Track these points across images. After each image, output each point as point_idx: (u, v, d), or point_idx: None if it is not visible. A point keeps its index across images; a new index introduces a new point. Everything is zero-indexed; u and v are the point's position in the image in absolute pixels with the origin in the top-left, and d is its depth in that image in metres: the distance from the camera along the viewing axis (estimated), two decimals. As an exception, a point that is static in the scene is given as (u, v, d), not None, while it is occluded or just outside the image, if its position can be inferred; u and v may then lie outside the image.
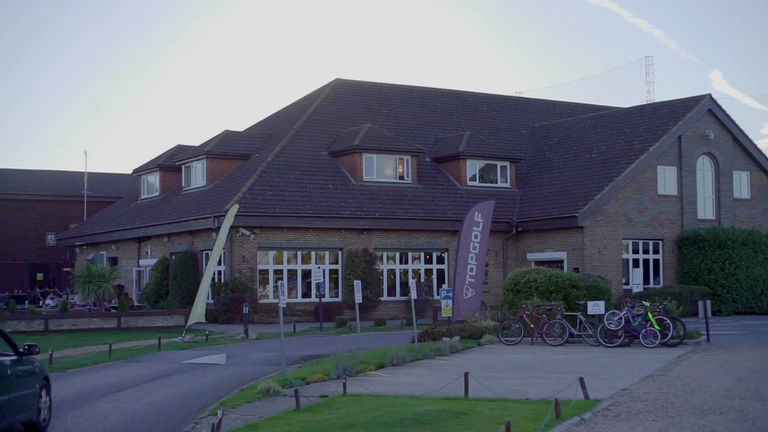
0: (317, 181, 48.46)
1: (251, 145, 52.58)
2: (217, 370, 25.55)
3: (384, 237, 48.47)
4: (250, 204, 44.82)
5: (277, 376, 22.51)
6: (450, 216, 49.27)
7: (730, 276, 48.76)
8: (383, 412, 16.91)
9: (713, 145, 51.79)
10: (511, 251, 51.49)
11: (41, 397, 16.05)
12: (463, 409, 16.95)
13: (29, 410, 15.55)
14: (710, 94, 52.20)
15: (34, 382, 15.85)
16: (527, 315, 32.17)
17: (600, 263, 47.11)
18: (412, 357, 26.59)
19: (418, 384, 20.99)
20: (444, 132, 57.50)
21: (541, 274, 35.64)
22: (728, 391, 19.08)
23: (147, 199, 57.04)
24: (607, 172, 49.31)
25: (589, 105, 67.95)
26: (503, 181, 54.11)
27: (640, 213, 49.21)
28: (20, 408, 15.15)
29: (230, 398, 19.74)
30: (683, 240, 49.98)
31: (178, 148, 57.34)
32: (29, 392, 15.55)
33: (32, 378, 15.86)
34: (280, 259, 46.47)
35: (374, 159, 50.27)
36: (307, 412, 17.33)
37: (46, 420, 16.25)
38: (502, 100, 65.06)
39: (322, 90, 58.38)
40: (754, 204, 53.91)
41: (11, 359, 15.40)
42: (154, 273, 50.29)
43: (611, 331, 30.44)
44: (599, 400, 17.82)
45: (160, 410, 18.68)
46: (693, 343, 30.45)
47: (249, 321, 38.48)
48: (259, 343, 34.13)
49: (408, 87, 61.69)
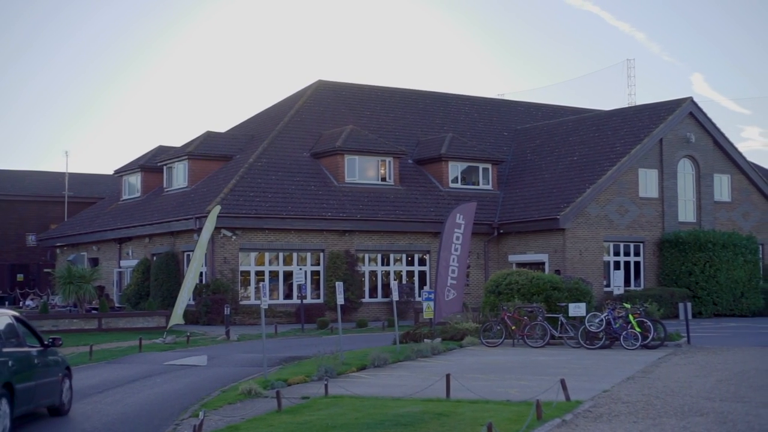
0: (299, 183, 48.42)
1: (233, 146, 52.51)
2: (199, 372, 25.51)
3: (366, 238, 48.47)
4: (232, 205, 44.75)
5: (259, 377, 22.47)
6: (432, 218, 49.29)
7: (710, 278, 48.92)
8: (365, 413, 16.91)
9: (694, 148, 51.95)
10: (492, 253, 51.54)
11: (63, 384, 18.08)
12: (444, 411, 16.96)
13: (53, 395, 17.63)
14: (691, 97, 52.38)
15: (57, 371, 17.89)
16: (508, 317, 32.21)
17: (581, 265, 47.21)
18: (393, 358, 26.59)
19: (400, 385, 20.99)
20: (426, 134, 57.54)
21: (522, 276, 35.71)
22: (709, 393, 19.14)
23: (128, 200, 56.89)
24: (588, 175, 49.41)
25: (571, 107, 68.08)
26: (485, 183, 54.15)
27: (621, 215, 49.33)
28: (45, 393, 17.19)
29: (212, 399, 19.72)
30: (664, 242, 50.12)
31: (160, 149, 57.20)
32: (53, 379, 17.61)
33: (56, 367, 17.88)
34: (261, 260, 46.41)
35: (356, 160, 50.26)
36: (288, 413, 17.32)
37: (66, 405, 18.27)
38: (485, 103, 65.14)
39: (305, 91, 58.35)
40: (735, 207, 54.10)
41: (37, 350, 17.33)
42: (135, 274, 50.16)
43: (592, 333, 30.51)
44: (580, 401, 17.85)
45: (140, 411, 18.64)
46: (673, 345, 30.55)
47: (230, 322, 38.42)
48: (241, 345, 34.09)
49: (390, 89, 61.71)
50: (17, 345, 16.56)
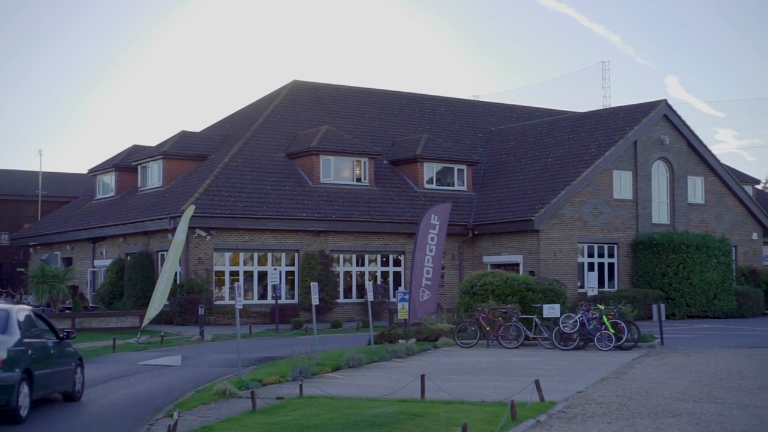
0: (274, 183, 48.35)
1: (208, 145, 52.39)
2: (173, 372, 25.45)
3: (341, 239, 48.45)
4: (207, 205, 44.64)
5: (233, 377, 22.46)
6: (407, 218, 49.32)
7: (683, 280, 49.13)
8: (339, 414, 16.91)
9: (668, 151, 52.17)
10: (467, 254, 51.60)
11: (76, 373, 19.91)
12: (419, 411, 16.97)
13: (67, 383, 19.51)
14: (666, 99, 52.57)
15: (70, 361, 19.75)
16: (483, 318, 32.28)
17: (555, 266, 47.33)
18: (368, 359, 26.60)
19: (375, 386, 21.00)
20: (401, 135, 57.56)
21: (497, 277, 35.81)
22: (682, 394, 19.23)
23: (102, 200, 56.67)
24: (563, 176, 49.54)
25: (546, 109, 68.27)
26: (460, 184, 54.22)
27: (595, 217, 49.49)
28: (60, 380, 19.11)
29: (186, 400, 19.68)
30: (638, 244, 50.31)
31: (135, 149, 57.00)
32: (67, 368, 19.48)
33: (69, 358, 19.76)
34: (236, 260, 46.31)
35: (331, 161, 50.22)
36: (263, 413, 17.31)
37: (79, 392, 20.08)
38: (460, 104, 65.23)
39: (280, 91, 58.29)
40: (708, 209, 54.36)
41: (53, 341, 19.18)
42: (109, 274, 49.94)
43: (566, 334, 30.62)
44: (554, 402, 17.91)
45: (114, 412, 18.58)
46: (647, 347, 30.69)
47: (204, 322, 38.37)
48: (215, 345, 34.03)
49: (366, 89, 61.72)
50: (35, 336, 18.36)
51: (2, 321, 17.47)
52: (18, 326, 17.57)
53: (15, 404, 16.52)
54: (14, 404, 16.50)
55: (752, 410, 17.17)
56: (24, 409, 16.90)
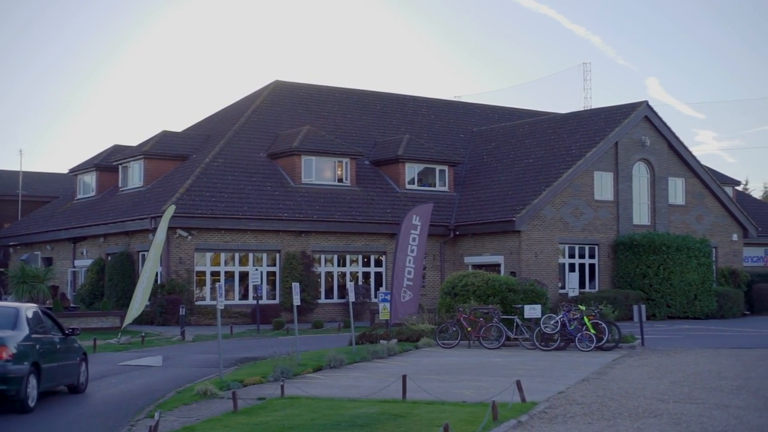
0: (256, 183, 48.27)
1: (189, 145, 52.26)
2: (154, 372, 25.40)
3: (322, 239, 48.41)
4: (188, 205, 44.54)
5: (214, 378, 22.43)
6: (388, 219, 49.32)
7: (664, 281, 49.27)
8: (321, 414, 16.91)
9: (649, 152, 52.31)
10: (448, 255, 51.64)
11: (80, 367, 21.31)
12: (400, 412, 16.98)
13: (72, 376, 20.90)
14: (647, 101, 52.70)
15: (75, 356, 21.16)
16: (464, 318, 32.32)
17: (536, 267, 47.40)
18: (349, 360, 26.61)
19: (356, 386, 21.01)
20: (383, 135, 57.57)
21: (478, 278, 35.86)
22: (662, 395, 19.29)
23: (83, 199, 56.48)
24: (544, 177, 49.60)
25: (527, 110, 68.37)
26: (441, 185, 54.24)
27: (576, 218, 49.58)
28: (66, 373, 20.53)
29: (167, 400, 19.65)
30: (619, 245, 50.42)
31: (115, 148, 56.82)
32: (72, 362, 20.89)
33: (74, 353, 21.14)
34: (217, 260, 46.22)
35: (313, 161, 50.17)
36: (244, 414, 17.29)
37: (84, 384, 21.49)
38: (441, 104, 65.27)
39: (262, 92, 58.21)
40: (689, 210, 54.53)
41: (59, 337, 20.50)
42: (90, 274, 49.77)
43: (547, 335, 30.68)
44: (536, 403, 17.95)
45: (95, 413, 18.55)
46: (628, 347, 30.78)
47: (185, 323, 38.30)
48: (196, 345, 33.97)
49: (347, 90, 61.70)
50: (43, 333, 19.69)
51: (12, 318, 18.87)
52: (26, 323, 18.95)
53: (24, 395, 17.86)
54: (23, 395, 17.84)
55: (732, 411, 17.24)
56: (32, 399, 18.24)
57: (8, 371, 17.66)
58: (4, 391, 17.71)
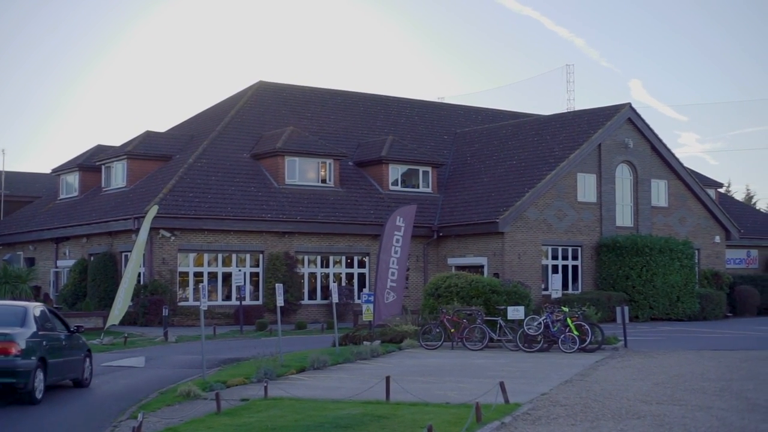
0: (239, 184, 48.20)
1: (173, 146, 52.13)
2: (137, 373, 25.35)
3: (305, 240, 48.38)
4: (171, 205, 44.45)
5: (198, 379, 22.39)
6: (372, 220, 49.31)
7: (647, 282, 49.37)
8: (304, 415, 16.89)
9: (632, 154, 52.41)
10: (431, 256, 51.66)
11: (85, 363, 22.61)
12: (384, 413, 16.98)
13: (77, 371, 22.22)
14: (630, 103, 52.83)
15: (80, 352, 22.49)
16: (448, 319, 32.32)
17: (520, 269, 47.44)
18: (333, 361, 26.58)
19: (339, 388, 20.99)
20: (367, 136, 57.56)
21: (461, 279, 35.85)
22: (645, 396, 19.33)
23: (66, 199, 56.30)
24: (527, 179, 49.66)
25: (511, 112, 68.46)
26: (425, 186, 54.27)
27: (559, 219, 49.64)
28: (71, 368, 21.85)
29: (150, 401, 19.61)
30: (602, 247, 50.51)
31: (99, 148, 56.66)
32: (77, 358, 22.21)
33: (79, 349, 22.48)
34: (200, 261, 46.16)
35: (297, 162, 50.13)
36: (227, 415, 17.26)
37: (88, 379, 22.77)
38: (425, 106, 65.31)
39: (245, 92, 58.13)
40: (671, 212, 54.65)
41: (65, 334, 21.78)
42: (72, 274, 49.59)
43: (531, 336, 30.71)
44: (519, 404, 17.96)
45: (78, 413, 18.51)
46: (611, 349, 30.83)
47: (168, 324, 38.20)
48: (179, 346, 33.90)
49: (331, 91, 61.69)
50: (49, 330, 20.91)
51: (20, 316, 20.20)
52: (34, 321, 20.23)
53: (31, 387, 19.18)
54: (31, 387, 19.15)
55: (715, 412, 17.28)
56: (39, 392, 19.57)
57: (17, 365, 18.90)
58: (13, 384, 18.97)
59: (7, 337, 19.10)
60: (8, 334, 19.18)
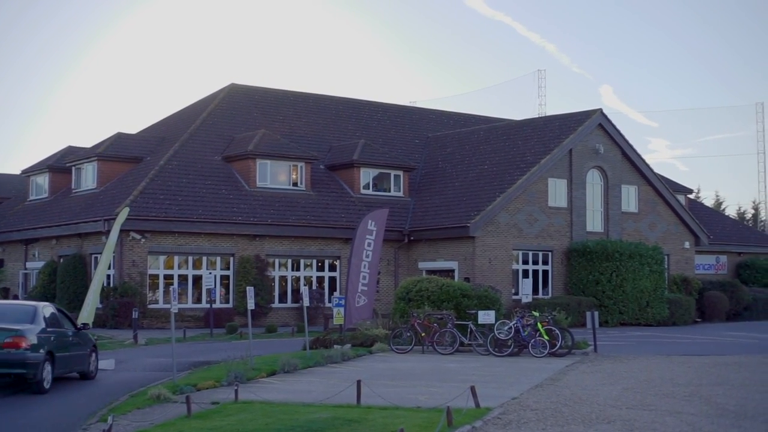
0: (210, 186, 48.07)
1: (144, 148, 51.93)
2: (106, 376, 25.26)
3: (276, 243, 48.29)
4: (142, 207, 44.28)
5: (168, 382, 22.31)
6: (343, 223, 49.30)
7: (617, 288, 49.52)
8: (275, 419, 16.87)
9: (603, 159, 52.59)
10: (402, 260, 51.68)
11: (91, 357, 24.70)
12: (355, 417, 16.97)
13: (83, 364, 24.27)
14: (601, 108, 53.01)
15: (86, 347, 24.52)
16: (418, 323, 32.35)
17: (490, 273, 47.52)
18: (303, 364, 26.57)
19: (310, 391, 20.97)
20: (338, 140, 57.53)
21: (432, 283, 35.89)
22: (615, 401, 19.41)
23: (35, 201, 55.96)
24: (499, 184, 49.75)
25: (483, 116, 68.55)
26: (396, 190, 54.29)
27: (530, 224, 49.75)
28: (77, 362, 23.93)
29: (120, 404, 19.52)
30: (572, 252, 50.65)
31: (69, 150, 56.38)
32: (83, 353, 24.25)
33: (85, 345, 24.51)
34: (170, 263, 46.00)
35: (268, 165, 50.03)
36: (198, 418, 17.21)
37: (93, 372, 24.81)
38: (397, 110, 65.35)
39: (217, 94, 57.99)
40: (641, 217, 54.88)
41: (72, 331, 23.96)
42: (42, 276, 49.31)
43: (501, 341, 30.78)
44: (490, 408, 17.99)
45: (47, 416, 18.42)
46: (581, 353, 30.93)
47: (138, 326, 38.05)
48: (149, 349, 33.78)
49: (303, 94, 61.63)
50: (57, 327, 22.94)
51: (30, 314, 22.32)
52: (42, 318, 22.30)
53: (40, 378, 21.26)
54: (39, 378, 21.24)
55: (684, 417, 17.37)
56: (47, 382, 21.58)
57: (27, 358, 21.02)
58: (23, 374, 21.14)
59: (17, 332, 21.17)
60: (19, 330, 21.26)
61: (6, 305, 25.09)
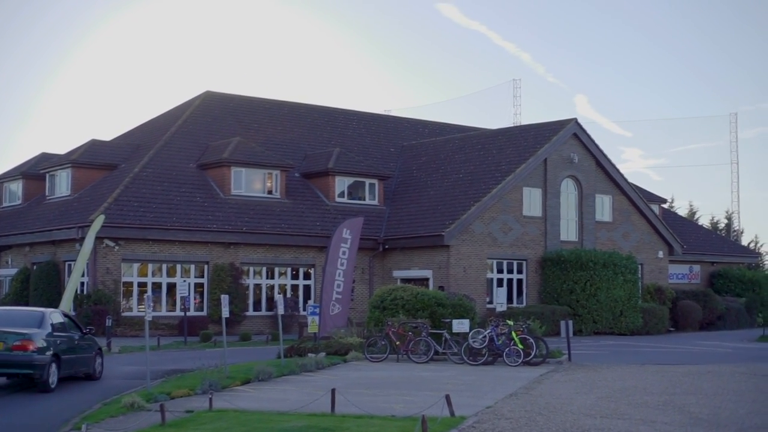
0: (185, 194, 47.95)
1: (118, 155, 51.77)
2: (80, 384, 25.13)
3: (251, 251, 48.22)
4: (116, 215, 44.13)
5: (142, 390, 22.21)
6: (318, 232, 49.28)
7: (591, 297, 49.67)
8: (250, 427, 16.83)
9: (577, 169, 52.77)
10: (377, 268, 51.68)
11: (95, 359, 26.24)
12: (329, 426, 16.95)
13: (89, 366, 25.90)
14: (575, 118, 53.20)
15: (91, 350, 26.16)
16: (393, 332, 32.36)
17: (465, 282, 47.58)
18: (278, 372, 26.52)
19: (285, 400, 20.92)
20: (313, 148, 57.50)
21: (407, 292, 35.90)
22: (589, 410, 19.45)
23: (8, 208, 55.69)
24: (473, 192, 49.83)
25: (458, 125, 68.63)
26: (371, 199, 54.29)
27: (505, 233, 49.85)
28: (83, 364, 25.51)
29: (93, 412, 19.41)
30: (546, 261, 50.77)
31: (43, 156, 56.18)
32: (89, 355, 25.90)
33: (90, 348, 26.12)
34: (144, 271, 45.85)
35: (243, 173, 49.96)
36: (172, 427, 17.15)
37: (99, 373, 26.35)
38: (372, 118, 65.38)
39: (192, 102, 57.87)
40: (615, 227, 55.07)
41: (79, 335, 25.55)
42: (14, 283, 49.06)
43: (475, 350, 30.80)
44: (464, 417, 17.99)
45: (20, 425, 18.28)
46: (555, 362, 30.97)
47: (112, 334, 37.87)
48: (123, 357, 33.64)
49: (278, 102, 61.58)
50: (63, 331, 24.60)
51: (38, 319, 23.99)
52: (49, 323, 23.94)
53: (46, 378, 22.79)
54: (45, 378, 22.76)
55: (658, 426, 17.44)
56: (53, 383, 23.12)
57: (34, 359, 22.53)
58: (31, 375, 22.70)
59: (25, 336, 22.71)
60: (27, 333, 22.84)
61: (16, 311, 26.62)
